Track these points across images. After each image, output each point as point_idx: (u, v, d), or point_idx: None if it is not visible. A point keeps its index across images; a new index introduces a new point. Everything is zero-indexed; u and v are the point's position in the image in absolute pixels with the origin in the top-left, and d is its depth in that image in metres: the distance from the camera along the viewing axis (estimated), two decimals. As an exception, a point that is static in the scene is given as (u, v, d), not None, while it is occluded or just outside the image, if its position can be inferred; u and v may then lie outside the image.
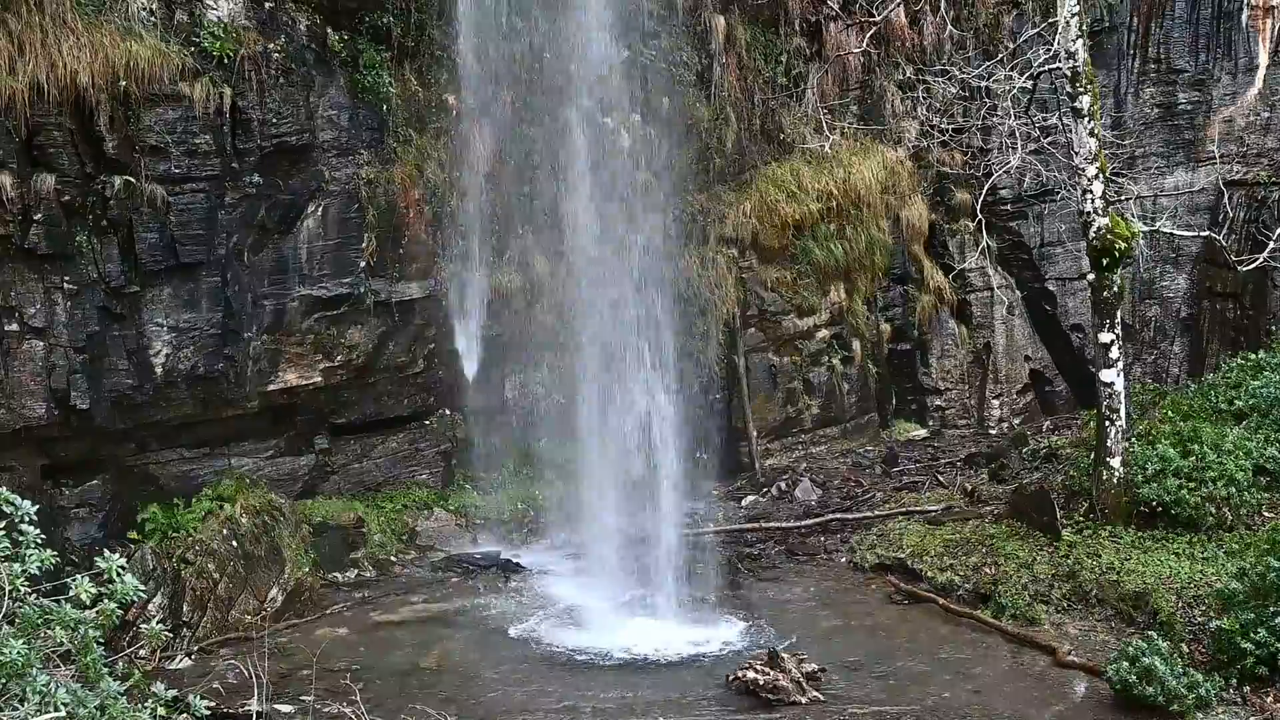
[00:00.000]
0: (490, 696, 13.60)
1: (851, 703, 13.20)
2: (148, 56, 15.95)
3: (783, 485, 21.46)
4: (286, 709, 12.90)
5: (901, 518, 18.99)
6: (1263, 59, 25.35)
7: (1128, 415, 17.10)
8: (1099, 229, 16.53)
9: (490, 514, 19.57)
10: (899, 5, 20.97)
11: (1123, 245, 16.57)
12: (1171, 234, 21.44)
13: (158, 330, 16.83)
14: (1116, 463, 16.68)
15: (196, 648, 14.86)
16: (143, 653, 13.52)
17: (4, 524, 6.85)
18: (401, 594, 17.11)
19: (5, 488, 7.04)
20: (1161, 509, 16.31)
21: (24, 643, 6.55)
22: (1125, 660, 12.95)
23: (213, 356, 17.21)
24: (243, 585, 15.82)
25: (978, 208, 19.48)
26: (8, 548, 6.76)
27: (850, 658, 14.55)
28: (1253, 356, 20.41)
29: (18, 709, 6.40)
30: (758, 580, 17.56)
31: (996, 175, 19.44)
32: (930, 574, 16.76)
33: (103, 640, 6.98)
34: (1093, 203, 16.54)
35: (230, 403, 17.73)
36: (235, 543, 16.08)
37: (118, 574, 6.90)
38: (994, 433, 24.44)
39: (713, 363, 21.88)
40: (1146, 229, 19.36)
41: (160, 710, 7.11)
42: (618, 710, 13.20)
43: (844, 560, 18.11)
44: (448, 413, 20.18)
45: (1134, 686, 12.70)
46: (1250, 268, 18.99)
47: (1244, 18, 25.15)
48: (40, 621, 6.74)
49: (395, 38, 18.64)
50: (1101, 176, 16.61)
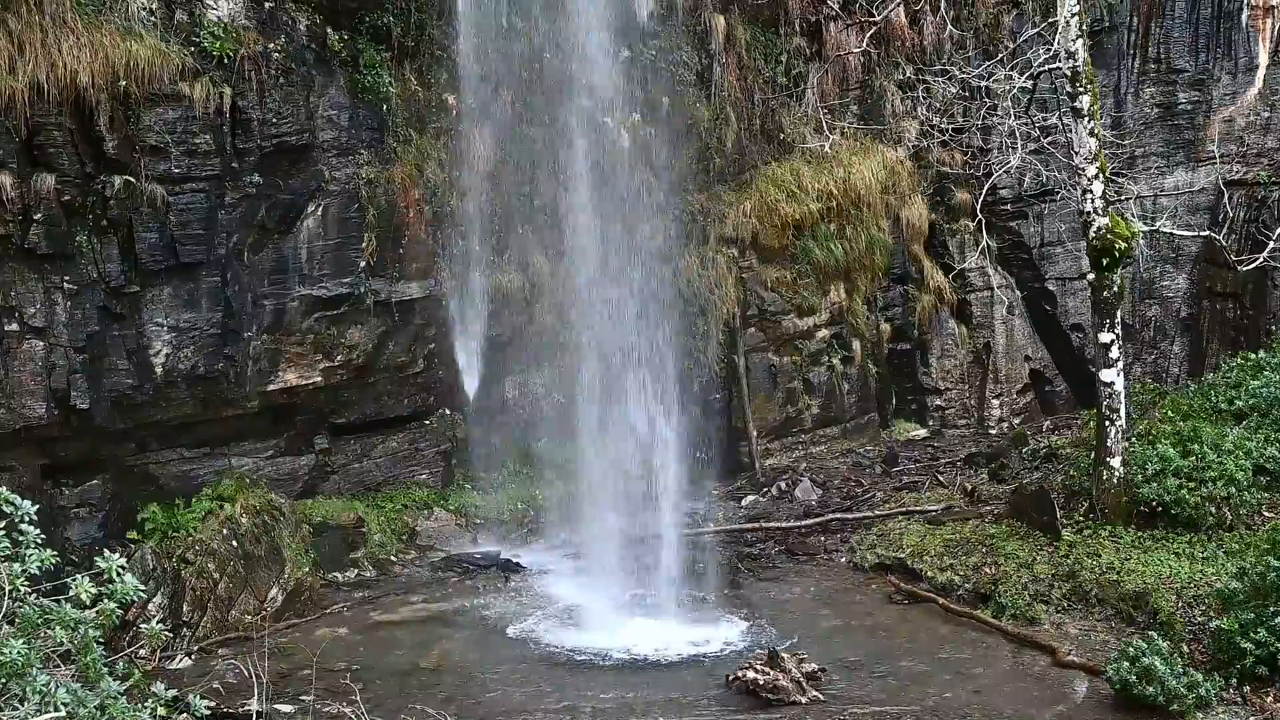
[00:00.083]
0: (490, 696, 13.60)
1: (851, 703, 13.19)
2: (148, 56, 15.95)
3: (783, 485, 21.46)
4: (286, 709, 12.90)
5: (901, 518, 18.98)
6: (1263, 59, 25.36)
7: (1128, 415, 17.10)
8: (1099, 229, 16.52)
9: (490, 514, 19.58)
10: (899, 5, 20.96)
11: (1123, 245, 16.56)
12: (1171, 234, 21.43)
13: (158, 330, 16.83)
14: (1116, 462, 16.68)
15: (196, 647, 14.85)
16: (143, 652, 13.51)
17: (4, 524, 6.85)
18: (401, 594, 17.11)
19: (5, 488, 7.04)
20: (1161, 509, 16.31)
21: (24, 643, 6.55)
22: (1125, 660, 12.95)
23: (213, 356, 17.21)
24: (243, 585, 15.82)
25: (978, 207, 19.47)
26: (8, 548, 6.76)
27: (850, 657, 14.54)
28: (1253, 356, 20.39)
29: (18, 709, 6.40)
30: (758, 580, 17.56)
31: (996, 175, 19.43)
32: (930, 574, 16.76)
33: (103, 640, 6.98)
34: (1093, 202, 16.54)
35: (230, 403, 17.74)
36: (235, 542, 16.07)
37: (118, 574, 6.89)
38: (994, 433, 24.44)
39: (713, 363, 21.88)
40: (1146, 229, 19.36)
41: (160, 710, 7.11)
42: (617, 710, 13.19)
43: (844, 560, 18.11)
44: (448, 413, 20.18)
45: (1134, 686, 12.70)
46: (1250, 267, 18.99)
47: (1244, 17, 25.16)
48: (40, 621, 6.73)
49: (395, 37, 18.65)
50: (1101, 176, 16.60)
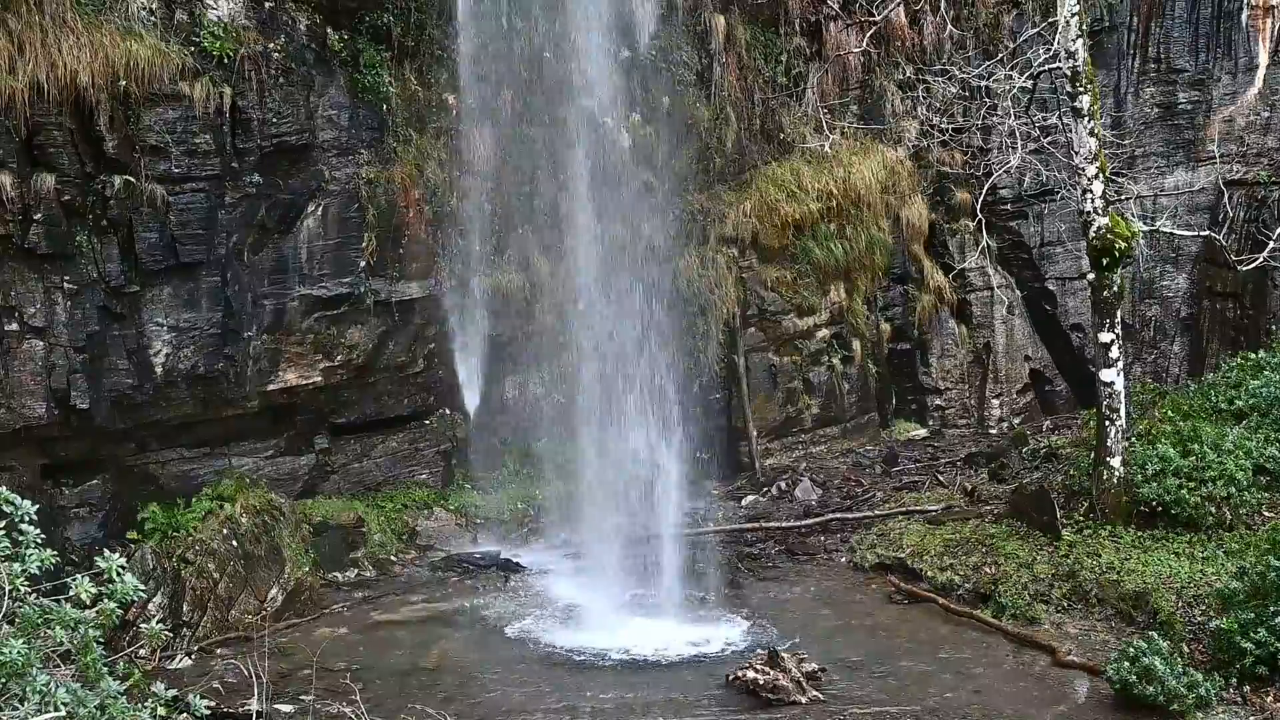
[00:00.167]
0: (490, 696, 13.59)
1: (852, 702, 13.19)
2: (148, 56, 15.95)
3: (783, 485, 21.45)
4: (286, 709, 12.90)
5: (901, 517, 18.98)
6: (1263, 59, 25.36)
7: (1128, 415, 17.09)
8: (1099, 229, 16.52)
9: (490, 514, 19.57)
10: (899, 5, 20.95)
11: (1123, 245, 16.56)
12: (1171, 234, 21.43)
13: (158, 330, 16.83)
14: (1116, 462, 16.67)
15: (196, 647, 14.85)
16: (143, 652, 13.51)
17: (4, 524, 6.84)
18: (401, 593, 17.11)
19: (5, 487, 7.03)
20: (1161, 509, 16.30)
21: (24, 642, 6.55)
22: (1125, 660, 12.94)
23: (213, 356, 17.21)
24: (243, 585, 15.82)
25: (978, 207, 19.46)
26: (8, 547, 6.76)
27: (850, 657, 14.54)
28: (1253, 356, 20.37)
29: (18, 709, 6.40)
30: (758, 580, 17.56)
31: (996, 175, 19.42)
32: (930, 574, 16.76)
33: (103, 640, 6.98)
34: (1093, 202, 16.53)
35: (230, 402, 17.74)
36: (235, 542, 16.07)
37: (118, 574, 6.89)
38: (994, 432, 24.44)
39: (713, 362, 21.88)
40: (1146, 229, 19.35)
41: (160, 710, 7.11)
42: (617, 710, 13.19)
43: (844, 560, 18.11)
44: (448, 412, 20.18)
45: (1134, 686, 12.69)
46: (1250, 267, 18.97)
47: (1244, 17, 25.16)
48: (40, 621, 6.73)
49: (395, 37, 18.65)
50: (1101, 176, 16.60)
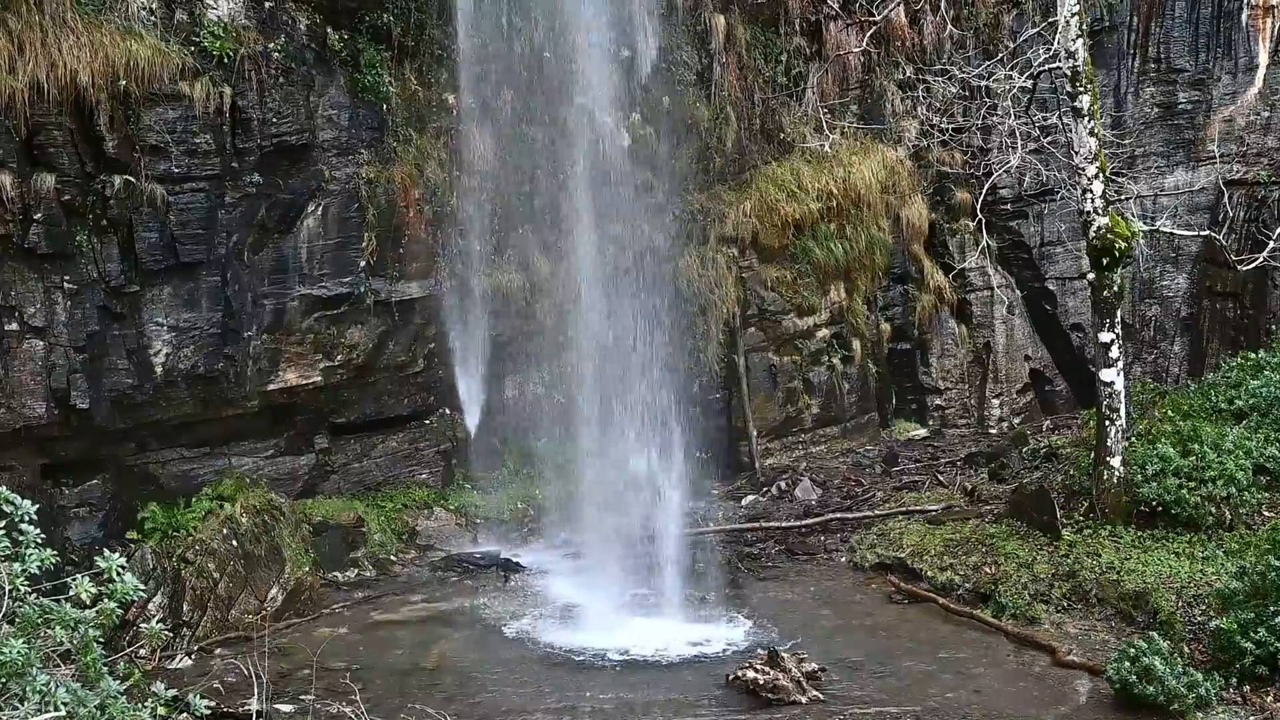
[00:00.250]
0: (490, 696, 13.59)
1: (852, 702, 13.19)
2: (148, 56, 15.94)
3: (783, 485, 21.45)
4: (287, 708, 12.90)
5: (901, 517, 18.97)
6: (1263, 58, 25.36)
7: (1128, 415, 17.09)
8: (1099, 228, 16.52)
9: (490, 514, 19.57)
10: (899, 5, 20.95)
11: (1123, 245, 16.56)
12: (1171, 233, 21.44)
13: (158, 330, 16.82)
14: (1116, 462, 16.67)
15: (196, 647, 14.85)
16: (143, 652, 13.50)
17: (4, 523, 6.85)
18: (401, 593, 17.11)
19: (5, 487, 7.03)
20: (1161, 508, 16.30)
21: (24, 642, 6.55)
22: (1125, 660, 12.94)
23: (213, 356, 17.21)
24: (243, 585, 15.82)
25: (978, 207, 19.45)
26: (8, 547, 6.76)
27: (850, 657, 14.54)
28: (1253, 356, 20.36)
29: (18, 708, 6.40)
30: (758, 580, 17.55)
31: (996, 175, 19.42)
32: (930, 573, 16.76)
33: (103, 640, 6.98)
34: (1093, 202, 16.53)
35: (230, 402, 17.73)
36: (235, 542, 16.07)
37: (118, 573, 6.89)
38: (994, 432, 24.44)
39: (713, 362, 21.89)
40: (1146, 228, 19.35)
41: (160, 709, 7.11)
42: (617, 709, 13.18)
43: (844, 560, 18.10)
44: (448, 412, 20.17)
45: (1134, 686, 12.70)
46: (1250, 267, 18.96)
47: (1244, 17, 25.16)
48: (40, 621, 6.73)
49: (395, 37, 18.64)
50: (1101, 176, 16.60)
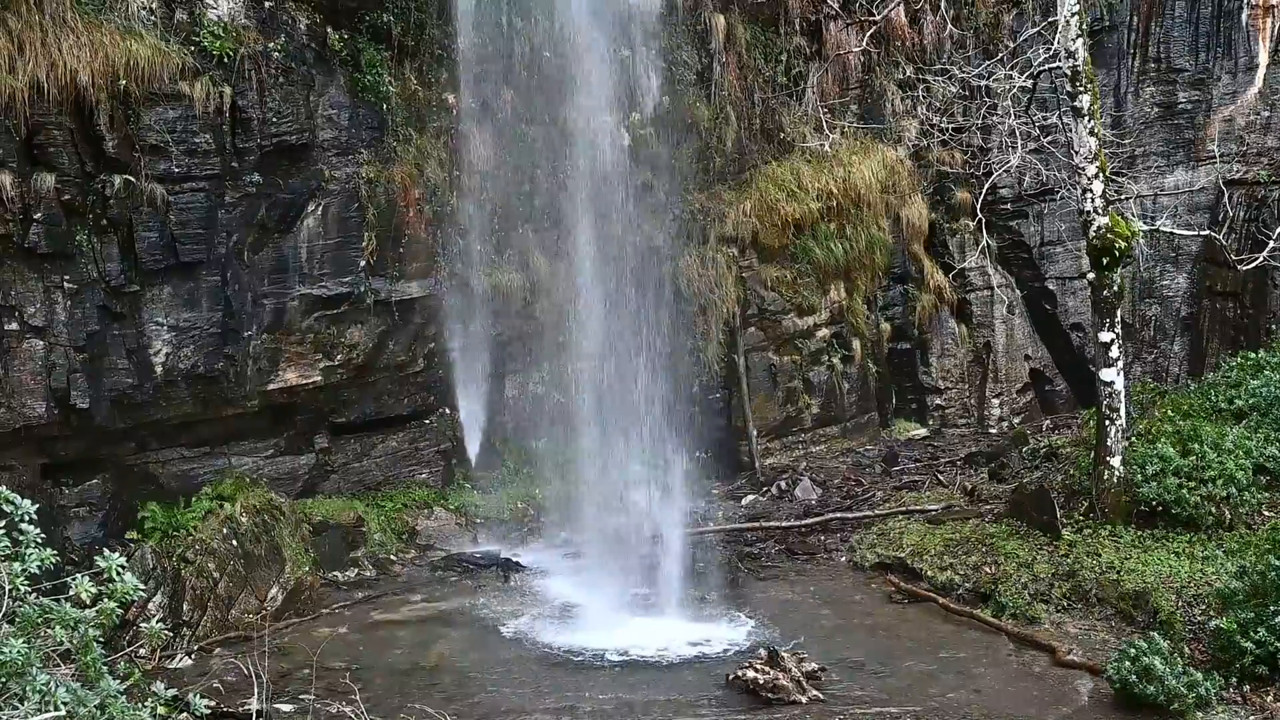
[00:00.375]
0: (490, 696, 13.59)
1: (852, 702, 13.18)
2: (147, 56, 15.93)
3: (783, 484, 21.46)
4: (287, 708, 12.90)
5: (901, 517, 18.97)
6: (1263, 58, 25.36)
7: (1128, 414, 17.09)
8: (1099, 228, 16.52)
9: (490, 513, 19.57)
10: (899, 4, 20.96)
11: (1122, 244, 16.56)
12: (1171, 233, 21.44)
13: (158, 329, 16.82)
14: (1116, 462, 16.67)
15: (196, 647, 14.84)
16: (143, 652, 13.49)
17: (4, 523, 6.85)
18: (401, 593, 17.11)
19: (5, 487, 7.04)
20: (1161, 508, 16.30)
21: (24, 642, 6.55)
22: (1125, 659, 12.94)
23: (213, 356, 17.20)
24: (243, 584, 15.81)
25: (978, 207, 19.45)
26: (8, 547, 6.76)
27: (851, 657, 14.54)
28: (1253, 356, 20.36)
29: (18, 708, 6.40)
30: (758, 579, 17.55)
31: (996, 174, 19.42)
32: (930, 573, 16.75)
33: (102, 639, 6.98)
34: (1093, 202, 16.53)
35: (230, 402, 17.72)
36: (235, 542, 16.07)
37: (117, 573, 6.90)
38: (994, 432, 24.45)
39: (713, 362, 21.89)
40: (1146, 228, 19.35)
41: (160, 709, 7.11)
42: (617, 709, 13.18)
43: (844, 559, 18.11)
44: (448, 412, 20.17)
45: (1134, 685, 12.70)
46: (1250, 267, 18.95)
47: (1244, 17, 25.17)
48: (40, 620, 6.74)
49: (395, 37, 18.64)
50: (1101, 176, 16.60)
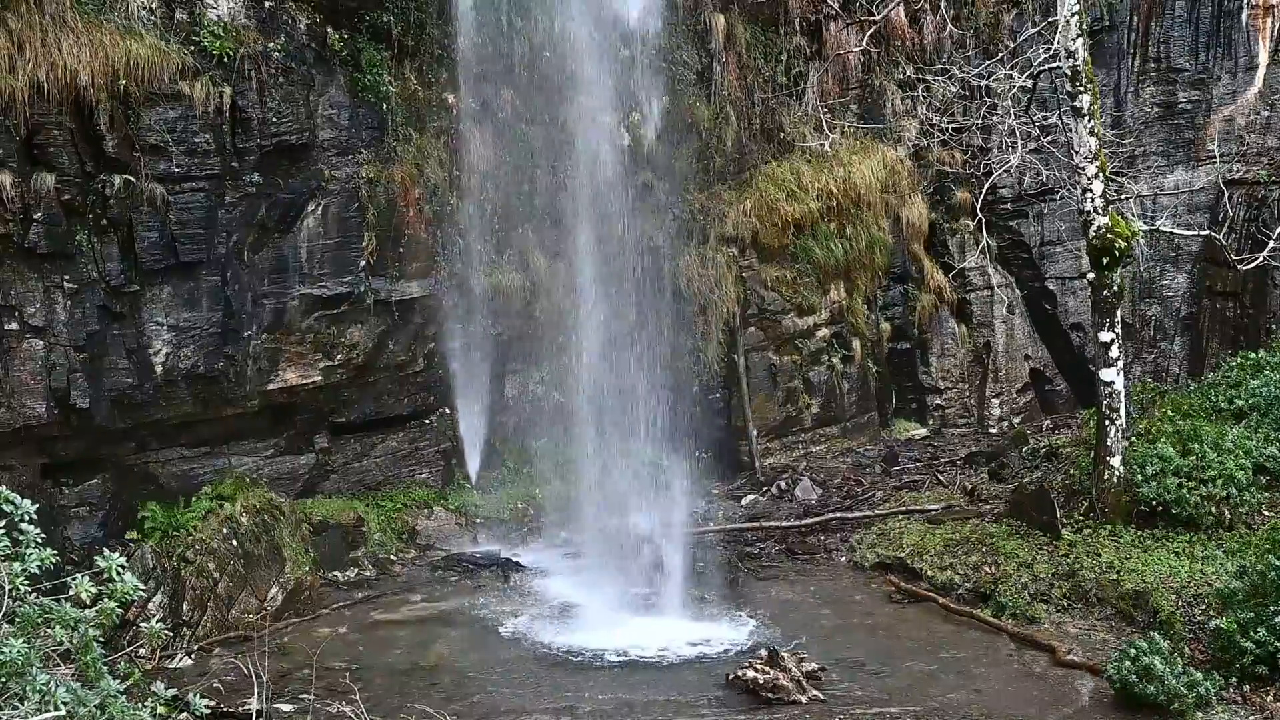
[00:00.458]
0: (490, 696, 13.59)
1: (852, 702, 13.19)
2: (147, 55, 15.92)
3: (783, 484, 21.46)
4: (286, 708, 12.90)
5: (901, 517, 18.97)
6: (1263, 58, 25.36)
7: (1128, 414, 17.09)
8: (1099, 228, 16.52)
9: (490, 513, 19.57)
10: (899, 4, 20.96)
11: (1122, 244, 16.56)
12: (1171, 233, 21.45)
13: (158, 329, 16.82)
14: (1116, 462, 16.67)
15: (196, 646, 14.84)
16: (142, 651, 13.49)
17: (4, 523, 6.85)
18: (401, 593, 17.11)
19: (5, 487, 7.04)
20: (1161, 508, 16.30)
21: (24, 641, 6.55)
22: (1125, 659, 12.95)
23: (213, 355, 17.20)
24: (243, 584, 15.82)
25: (978, 207, 19.45)
26: (8, 547, 6.76)
27: (851, 657, 14.54)
28: (1253, 356, 20.36)
29: (18, 708, 6.40)
30: (757, 579, 17.55)
31: (996, 174, 19.42)
32: (930, 573, 16.76)
33: (102, 639, 6.98)
34: (1093, 202, 16.53)
35: (230, 402, 17.72)
36: (235, 542, 16.07)
37: (117, 573, 6.90)
38: (994, 432, 24.45)
39: (713, 362, 21.89)
40: (1146, 228, 19.35)
41: (160, 709, 7.12)
42: (616, 709, 13.18)
43: (844, 559, 18.11)
44: (448, 412, 20.17)
45: (1134, 685, 12.70)
46: (1250, 267, 18.95)
47: (1244, 17, 25.17)
48: (40, 620, 6.74)
49: (395, 36, 18.64)
50: (1101, 175, 16.60)
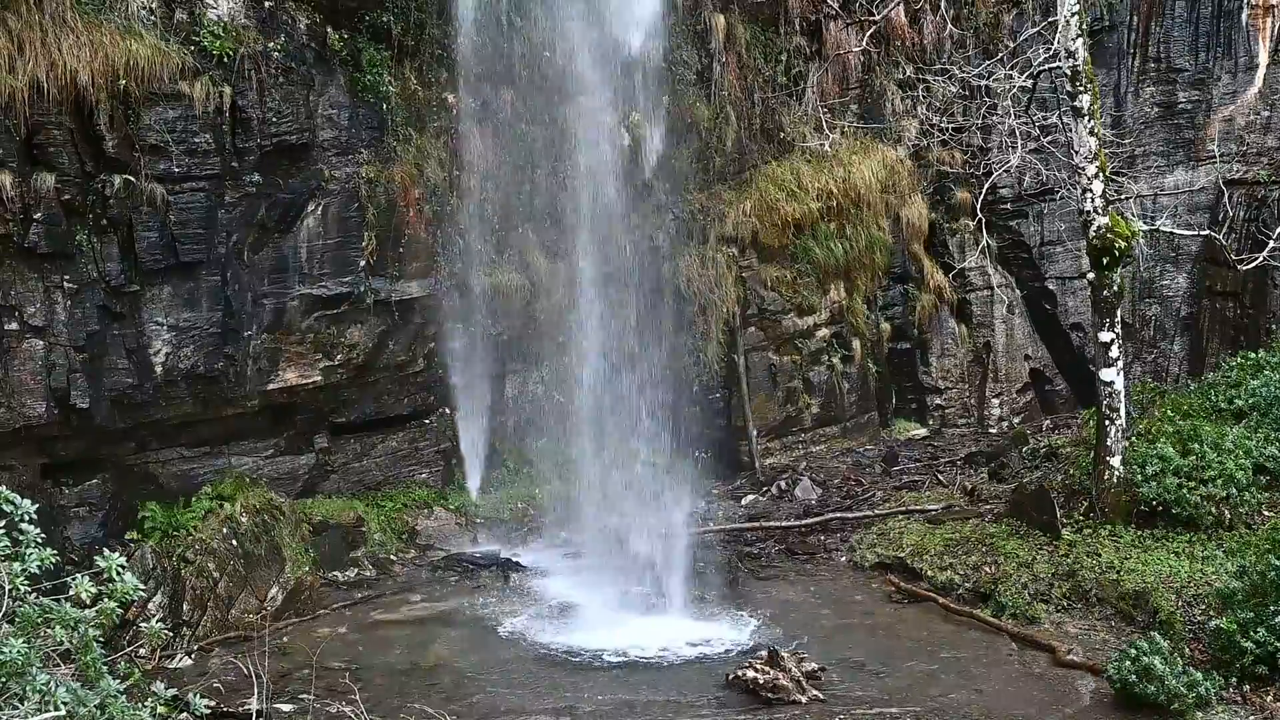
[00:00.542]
0: (489, 696, 13.59)
1: (852, 702, 13.19)
2: (147, 55, 15.92)
3: (782, 484, 21.45)
4: (286, 708, 12.90)
5: (901, 517, 18.98)
6: (1263, 58, 25.37)
7: (1128, 414, 17.09)
8: (1099, 228, 16.52)
9: (490, 513, 19.57)
10: (899, 4, 20.96)
11: (1122, 244, 16.56)
12: (1171, 233, 21.46)
13: (157, 329, 16.82)
14: (1116, 462, 16.67)
15: (196, 646, 14.84)
16: (143, 651, 13.49)
17: (4, 523, 6.85)
18: (401, 593, 17.11)
19: (5, 487, 7.03)
20: (1161, 508, 16.30)
21: (24, 642, 6.55)
22: (1126, 659, 12.95)
23: (213, 355, 17.20)
24: (243, 584, 15.82)
25: (978, 207, 19.45)
26: (8, 547, 6.76)
27: (851, 657, 14.54)
28: (1253, 356, 20.36)
29: (18, 708, 6.40)
30: (757, 579, 17.55)
31: (996, 174, 19.42)
32: (930, 573, 16.76)
33: (102, 639, 6.98)
34: (1092, 202, 16.53)
35: (230, 402, 17.72)
36: (235, 542, 16.07)
37: (117, 573, 6.90)
38: (994, 432, 24.44)
39: (713, 362, 21.89)
40: (1146, 228, 19.35)
41: (160, 709, 7.11)
42: (616, 709, 13.19)
43: (844, 559, 18.11)
44: (448, 412, 20.17)
45: (1134, 685, 12.71)
46: (1250, 267, 18.95)
47: (1244, 17, 25.17)
48: (40, 620, 6.74)
49: (395, 36, 18.63)
50: (1101, 175, 16.60)
